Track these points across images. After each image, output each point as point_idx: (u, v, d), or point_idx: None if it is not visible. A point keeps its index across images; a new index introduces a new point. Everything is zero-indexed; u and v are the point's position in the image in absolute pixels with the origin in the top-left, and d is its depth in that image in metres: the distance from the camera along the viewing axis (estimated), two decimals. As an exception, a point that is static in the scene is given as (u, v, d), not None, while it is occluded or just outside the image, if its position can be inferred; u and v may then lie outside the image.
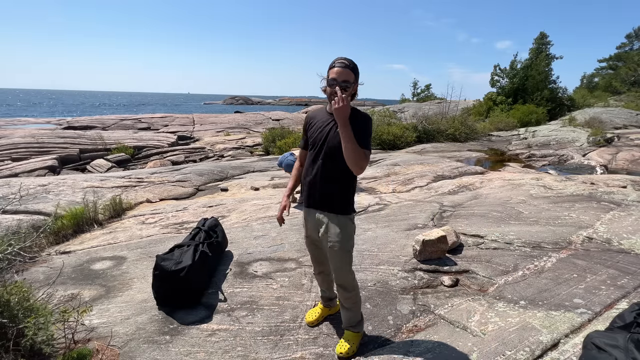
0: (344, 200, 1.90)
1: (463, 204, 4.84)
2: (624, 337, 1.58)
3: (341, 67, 1.74)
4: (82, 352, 1.94)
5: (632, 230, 3.58)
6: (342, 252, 1.89)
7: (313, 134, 1.94)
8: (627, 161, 9.81)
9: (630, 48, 38.73)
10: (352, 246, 1.94)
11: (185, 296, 2.44)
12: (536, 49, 24.97)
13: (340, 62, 1.76)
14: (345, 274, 1.94)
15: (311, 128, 1.98)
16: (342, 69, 1.74)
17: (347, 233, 1.90)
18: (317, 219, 1.95)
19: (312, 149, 1.95)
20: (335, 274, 1.96)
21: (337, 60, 1.77)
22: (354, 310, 2.03)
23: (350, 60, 1.78)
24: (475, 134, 15.35)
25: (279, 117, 23.27)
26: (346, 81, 1.74)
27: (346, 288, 1.97)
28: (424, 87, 36.05)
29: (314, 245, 2.10)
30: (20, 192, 4.81)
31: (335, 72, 1.74)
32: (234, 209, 4.77)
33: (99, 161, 10.95)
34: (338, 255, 1.90)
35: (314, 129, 1.95)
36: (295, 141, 11.85)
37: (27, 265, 3.09)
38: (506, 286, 2.61)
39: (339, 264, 1.92)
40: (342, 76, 1.73)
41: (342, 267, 1.92)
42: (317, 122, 1.95)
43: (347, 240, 1.90)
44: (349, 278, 1.96)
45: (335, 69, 1.75)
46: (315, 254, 2.14)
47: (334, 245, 1.88)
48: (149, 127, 19.14)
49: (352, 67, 1.76)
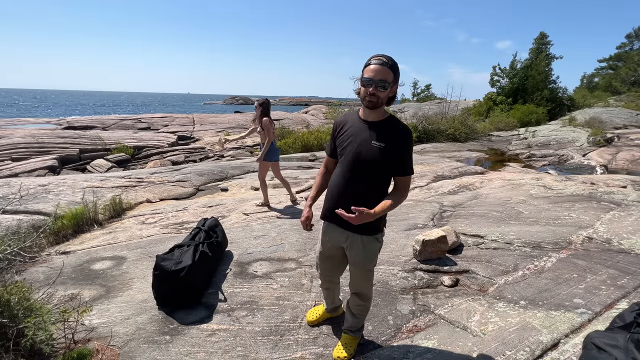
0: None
1: (463, 204, 4.84)
2: (624, 337, 1.58)
3: (379, 64, 1.54)
4: (82, 352, 1.94)
5: (632, 230, 3.58)
6: (364, 271, 1.83)
7: (343, 143, 1.72)
8: (627, 161, 9.81)
9: (630, 48, 38.74)
10: (374, 265, 1.84)
11: (185, 296, 2.44)
12: (536, 49, 24.97)
13: (377, 59, 1.55)
14: (364, 287, 1.90)
15: (341, 135, 1.76)
16: (379, 67, 1.53)
17: (372, 253, 1.78)
18: (339, 236, 1.79)
19: (341, 159, 1.75)
20: (354, 284, 1.91)
21: (374, 57, 1.56)
22: (360, 318, 2.01)
23: (390, 57, 1.57)
24: (475, 134, 15.35)
25: (279, 117, 23.27)
26: (383, 80, 1.54)
27: (362, 297, 1.93)
28: (424, 87, 36.09)
29: (328, 263, 1.96)
30: (20, 192, 4.80)
31: (372, 70, 1.54)
32: (234, 209, 4.76)
33: (99, 161, 10.94)
34: (360, 272, 1.84)
35: (344, 137, 1.73)
36: (295, 141, 11.84)
37: (27, 265, 3.08)
38: (506, 286, 2.61)
39: (360, 279, 1.87)
40: (379, 75, 1.53)
41: (363, 282, 1.88)
42: (348, 130, 1.72)
43: (371, 260, 1.80)
44: (367, 290, 1.92)
45: (371, 66, 1.55)
46: (327, 270, 2.01)
47: (356, 263, 1.81)
48: (149, 127, 19.14)
49: (391, 64, 1.55)
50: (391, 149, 1.62)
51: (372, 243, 1.76)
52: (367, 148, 1.63)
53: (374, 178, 1.67)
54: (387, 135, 1.62)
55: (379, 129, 1.65)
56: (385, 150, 1.61)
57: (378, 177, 1.67)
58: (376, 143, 1.62)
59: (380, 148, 1.61)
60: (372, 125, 1.66)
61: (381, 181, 1.69)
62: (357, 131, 1.69)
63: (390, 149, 1.62)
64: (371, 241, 1.75)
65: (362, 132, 1.67)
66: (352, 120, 1.75)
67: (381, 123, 1.66)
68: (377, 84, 1.54)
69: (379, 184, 1.68)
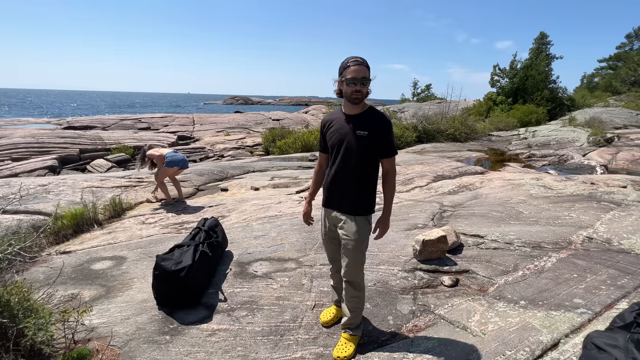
0: (362, 201, 1.91)
1: (463, 204, 4.84)
2: (624, 337, 1.58)
3: (358, 64, 1.76)
4: (82, 352, 1.94)
5: (632, 230, 3.58)
6: (355, 252, 1.91)
7: (331, 137, 1.94)
8: (627, 161, 9.81)
9: (630, 48, 38.77)
10: (366, 247, 1.96)
11: (185, 296, 2.43)
12: (536, 49, 24.97)
13: (354, 60, 1.77)
14: (355, 272, 1.96)
15: (328, 131, 1.98)
16: (359, 67, 1.75)
17: (362, 233, 1.91)
18: (334, 217, 1.98)
19: (332, 152, 1.96)
20: (346, 270, 1.96)
21: (351, 59, 1.78)
22: (357, 312, 2.03)
23: (363, 58, 1.80)
24: (475, 134, 15.35)
25: (279, 117, 23.27)
26: (365, 78, 1.77)
27: (354, 286, 1.98)
28: (424, 87, 36.02)
29: (331, 242, 2.11)
30: (20, 192, 4.80)
31: (354, 70, 1.75)
32: (234, 209, 4.77)
33: (99, 161, 10.95)
34: (351, 253, 1.91)
35: (332, 131, 1.95)
36: (295, 141, 11.84)
37: (27, 265, 3.08)
38: (506, 286, 2.61)
39: (352, 261, 1.93)
40: (360, 73, 1.75)
41: (354, 266, 1.94)
42: (335, 125, 1.94)
43: (362, 240, 1.92)
44: (358, 277, 1.98)
45: (352, 67, 1.76)
46: (331, 250, 2.14)
47: (348, 243, 1.91)
48: (149, 127, 19.15)
49: (366, 63, 1.78)
50: (373, 135, 1.83)
51: (363, 222, 1.92)
52: (352, 138, 1.85)
53: (361, 163, 1.87)
54: (369, 124, 1.84)
55: (361, 120, 1.87)
56: (368, 138, 1.83)
57: (365, 161, 1.88)
58: (360, 132, 1.84)
59: (364, 136, 1.83)
60: (355, 118, 1.88)
61: (368, 165, 1.90)
62: (342, 124, 1.90)
63: (372, 136, 1.83)
64: (362, 221, 1.92)
65: (346, 125, 1.88)
66: (337, 116, 1.96)
67: (362, 115, 1.88)
68: (361, 82, 1.76)
69: (366, 168, 1.89)
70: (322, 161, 2.14)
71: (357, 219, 1.91)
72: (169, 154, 4.85)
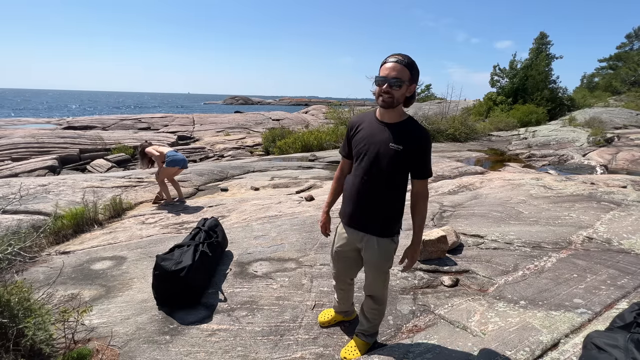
0: (388, 221, 1.73)
1: (463, 204, 4.84)
2: (624, 337, 1.58)
3: (394, 62, 1.51)
4: (82, 352, 1.94)
5: (632, 230, 3.58)
6: (379, 272, 1.82)
7: (358, 144, 1.69)
8: (627, 161, 9.81)
9: (630, 48, 38.74)
10: (390, 266, 1.83)
11: (185, 296, 2.43)
12: (536, 48, 24.98)
13: (394, 57, 1.53)
14: (379, 289, 1.88)
15: (356, 136, 1.72)
16: (395, 64, 1.51)
17: (387, 254, 1.78)
18: (356, 236, 1.80)
19: (357, 162, 1.71)
20: (369, 287, 1.89)
21: (391, 55, 1.54)
22: (375, 323, 1.99)
23: (407, 56, 1.54)
24: (475, 134, 15.36)
25: (279, 117, 23.28)
26: (398, 78, 1.50)
27: (376, 300, 1.91)
28: (424, 87, 36.01)
29: (343, 263, 1.95)
30: (20, 192, 4.80)
31: (387, 67, 1.52)
32: (234, 209, 4.76)
33: (99, 161, 10.95)
34: (375, 273, 1.83)
35: (360, 137, 1.69)
36: (295, 141, 11.83)
37: (27, 265, 3.08)
38: (506, 286, 2.60)
39: (375, 280, 1.85)
40: (393, 72, 1.50)
41: (377, 284, 1.86)
42: (364, 131, 1.68)
43: (386, 261, 1.79)
44: (381, 293, 1.90)
45: (387, 64, 1.52)
46: (344, 268, 1.98)
47: (371, 264, 1.80)
48: (149, 127, 19.16)
49: (406, 63, 1.52)
50: (409, 151, 1.59)
51: (388, 244, 1.76)
52: (384, 150, 1.60)
53: (390, 180, 1.64)
54: (405, 138, 1.58)
55: (396, 130, 1.61)
56: (403, 153, 1.58)
57: (395, 179, 1.65)
58: (394, 145, 1.58)
59: (398, 150, 1.58)
60: (390, 127, 1.62)
61: (398, 183, 1.68)
62: (373, 132, 1.64)
63: (408, 151, 1.59)
64: (387, 242, 1.75)
65: (379, 134, 1.62)
66: (368, 120, 1.70)
67: (399, 125, 1.62)
68: (391, 82, 1.51)
69: (395, 186, 1.66)
70: (344, 167, 1.89)
71: (383, 241, 1.74)
72: (170, 153, 4.83)
